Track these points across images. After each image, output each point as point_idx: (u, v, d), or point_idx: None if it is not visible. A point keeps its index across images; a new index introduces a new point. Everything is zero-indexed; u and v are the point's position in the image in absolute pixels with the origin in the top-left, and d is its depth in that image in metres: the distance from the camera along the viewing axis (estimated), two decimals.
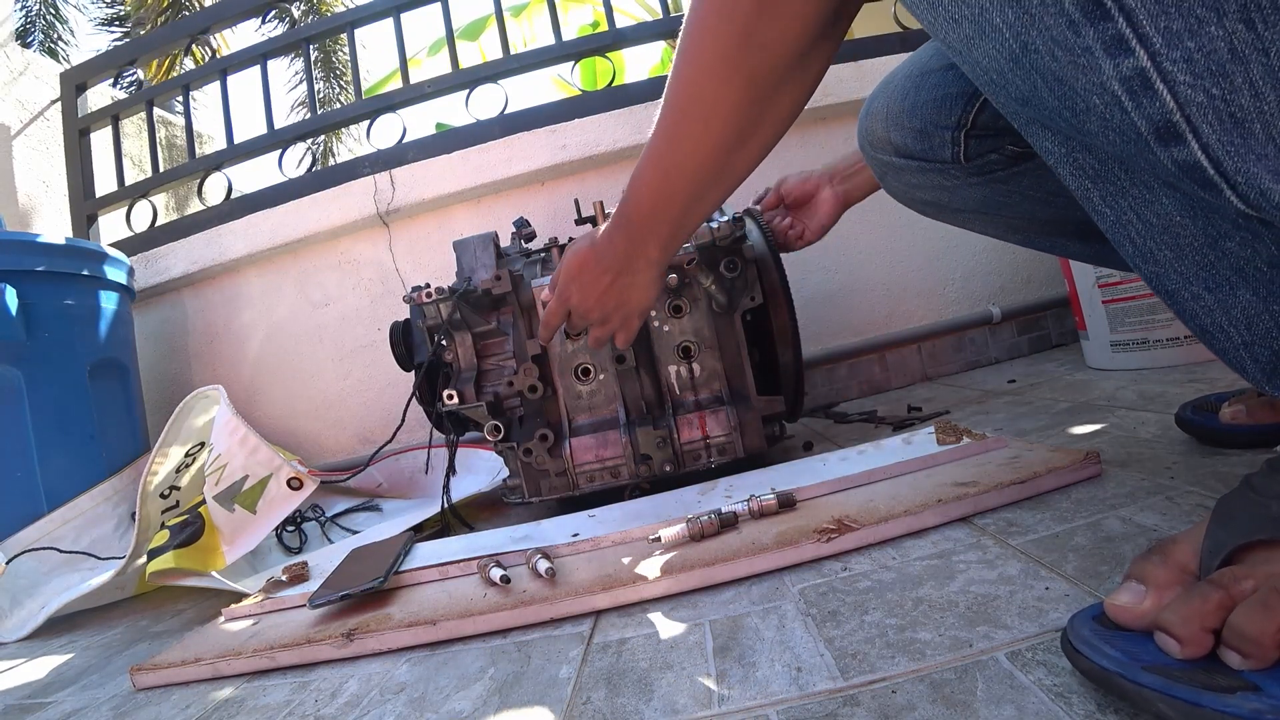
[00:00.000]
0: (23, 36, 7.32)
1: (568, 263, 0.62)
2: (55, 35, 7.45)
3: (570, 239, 0.96)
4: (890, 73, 0.59)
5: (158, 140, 1.61)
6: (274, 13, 1.60)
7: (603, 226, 0.59)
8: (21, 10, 7.34)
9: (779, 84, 0.42)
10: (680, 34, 0.42)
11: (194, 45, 1.63)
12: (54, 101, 1.77)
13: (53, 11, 7.49)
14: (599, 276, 0.60)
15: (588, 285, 0.61)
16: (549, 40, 1.46)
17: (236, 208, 1.47)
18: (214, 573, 0.78)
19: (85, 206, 1.58)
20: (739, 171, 0.49)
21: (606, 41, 1.42)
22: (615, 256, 0.58)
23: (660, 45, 1.82)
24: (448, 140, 1.40)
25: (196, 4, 6.80)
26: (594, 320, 0.63)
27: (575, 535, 0.63)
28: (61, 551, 0.98)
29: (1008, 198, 0.54)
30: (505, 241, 1.17)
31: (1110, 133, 0.28)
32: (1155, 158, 0.27)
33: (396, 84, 1.51)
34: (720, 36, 0.41)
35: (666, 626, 0.45)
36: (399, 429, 0.96)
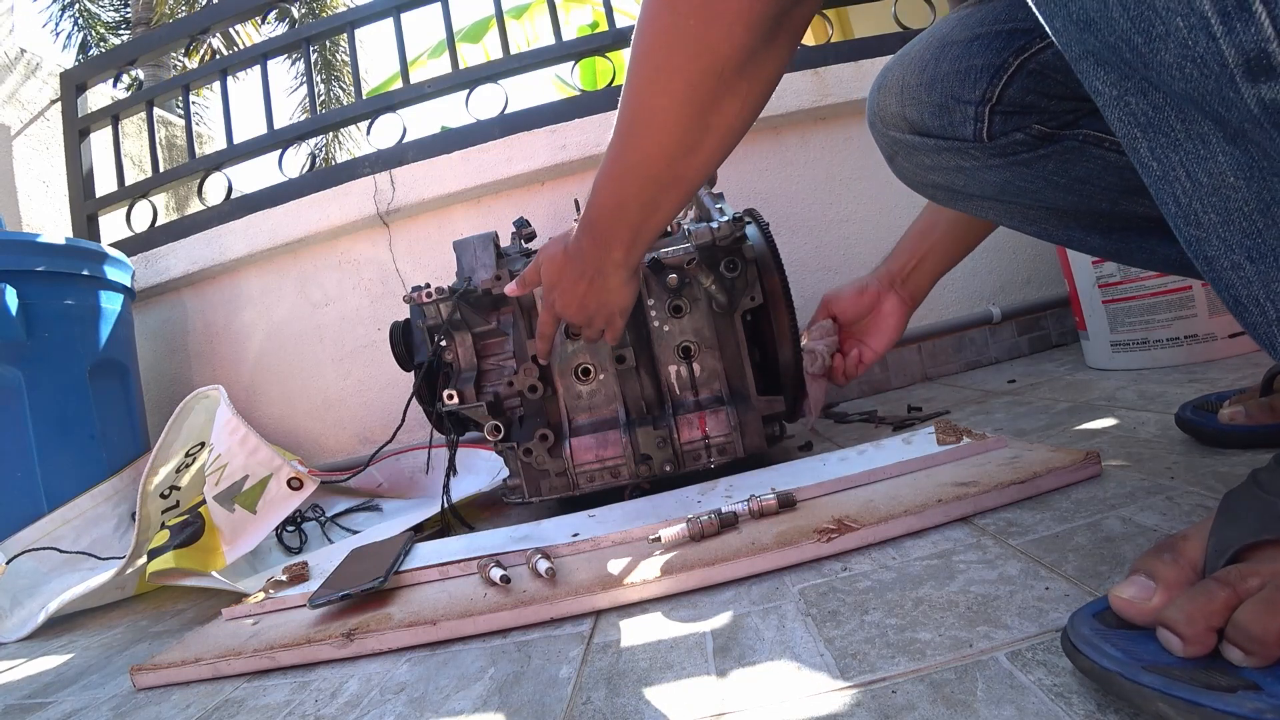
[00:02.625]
0: (83, 49, 7.51)
1: (545, 269, 0.64)
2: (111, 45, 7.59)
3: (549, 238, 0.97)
4: (905, 47, 0.55)
5: (158, 140, 1.61)
6: (274, 12, 1.59)
7: (573, 229, 0.60)
8: (80, 32, 7.47)
9: (722, 92, 0.41)
10: (631, 42, 0.42)
11: (195, 42, 1.63)
12: (54, 101, 1.77)
13: (93, 17, 7.60)
14: (576, 282, 0.62)
15: (567, 291, 0.63)
16: (550, 41, 1.47)
17: (236, 208, 1.47)
18: (214, 573, 0.78)
19: (85, 206, 1.58)
20: (691, 178, 0.48)
21: (606, 41, 1.43)
22: (585, 261, 0.59)
23: None
24: (448, 140, 1.40)
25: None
26: (579, 323, 0.66)
27: (575, 535, 0.63)
28: (62, 551, 0.99)
29: (1029, 183, 0.50)
30: (505, 241, 1.17)
31: (1188, 64, 0.25)
32: (1236, 95, 0.24)
33: (397, 86, 1.51)
34: (660, 42, 0.41)
35: (667, 626, 0.45)
36: (399, 429, 0.96)
